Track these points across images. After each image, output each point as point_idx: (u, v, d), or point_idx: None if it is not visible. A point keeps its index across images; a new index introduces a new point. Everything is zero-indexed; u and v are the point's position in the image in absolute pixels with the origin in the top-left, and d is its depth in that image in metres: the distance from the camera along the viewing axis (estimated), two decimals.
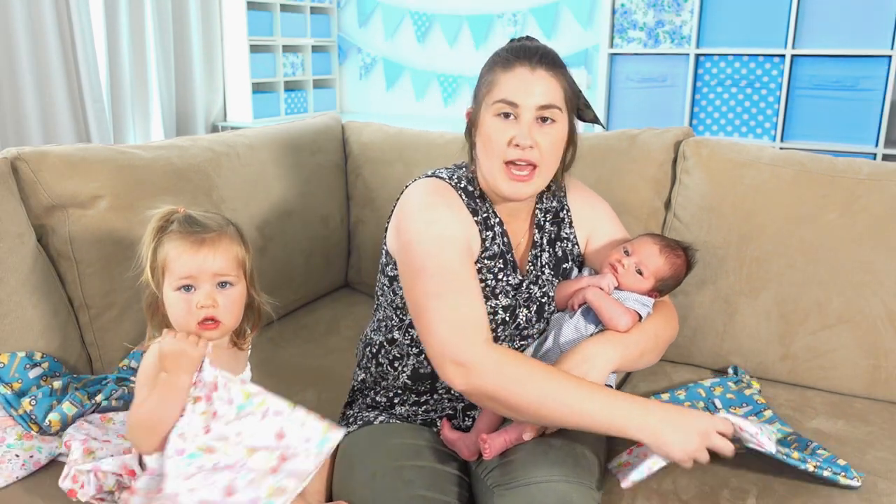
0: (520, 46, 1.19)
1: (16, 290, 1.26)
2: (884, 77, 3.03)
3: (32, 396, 1.19)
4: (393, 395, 1.27)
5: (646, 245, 1.25)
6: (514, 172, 1.15)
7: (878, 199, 1.45)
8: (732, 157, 1.59)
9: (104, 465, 1.04)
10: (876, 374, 1.43)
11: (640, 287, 1.23)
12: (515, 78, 1.14)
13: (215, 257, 1.00)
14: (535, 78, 1.14)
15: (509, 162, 1.15)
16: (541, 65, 1.15)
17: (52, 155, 1.35)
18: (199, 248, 1.00)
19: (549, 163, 1.17)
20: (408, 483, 1.06)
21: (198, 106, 4.07)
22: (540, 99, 1.14)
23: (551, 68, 1.16)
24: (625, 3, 3.47)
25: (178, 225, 1.02)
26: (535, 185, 1.17)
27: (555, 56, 1.18)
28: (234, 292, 1.03)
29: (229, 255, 1.02)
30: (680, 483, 1.17)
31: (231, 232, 1.05)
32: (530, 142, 1.13)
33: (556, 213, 1.32)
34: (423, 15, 4.41)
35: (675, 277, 1.27)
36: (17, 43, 3.06)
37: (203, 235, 1.00)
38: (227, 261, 1.01)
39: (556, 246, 1.30)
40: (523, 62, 1.15)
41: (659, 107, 3.49)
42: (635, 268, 1.23)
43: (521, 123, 1.14)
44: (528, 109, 1.14)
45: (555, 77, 1.16)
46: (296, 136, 1.91)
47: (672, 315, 1.30)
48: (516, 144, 1.13)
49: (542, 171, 1.17)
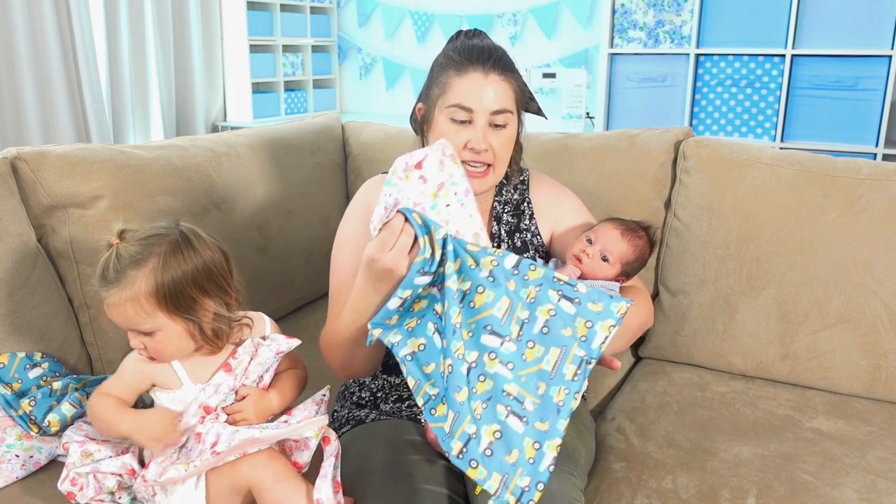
0: (472, 47, 1.20)
1: (16, 289, 1.26)
2: (884, 77, 3.03)
3: (32, 397, 1.19)
4: (376, 389, 1.29)
5: (608, 231, 1.25)
6: (469, 169, 1.18)
7: (878, 199, 1.45)
8: (732, 157, 1.59)
9: (103, 467, 1.04)
10: (876, 374, 1.43)
11: (606, 274, 1.23)
12: (469, 83, 1.16)
13: (121, 318, 1.01)
14: (489, 83, 1.16)
15: (464, 162, 1.18)
16: (494, 69, 1.17)
17: (52, 155, 1.35)
18: (109, 307, 1.00)
19: (503, 160, 1.21)
20: (406, 477, 1.07)
21: (198, 106, 4.07)
22: (493, 104, 1.16)
23: (503, 72, 1.18)
24: (625, 3, 3.47)
25: (99, 267, 1.01)
26: (489, 181, 1.22)
27: (507, 59, 1.20)
28: (160, 336, 1.02)
29: (128, 312, 1.00)
30: (680, 482, 1.17)
31: (143, 274, 0.99)
32: (485, 145, 1.16)
33: (516, 205, 1.34)
34: (423, 15, 4.41)
35: (640, 259, 1.27)
36: (17, 43, 3.06)
37: (109, 292, 0.99)
38: (128, 319, 1.00)
39: (514, 237, 1.32)
40: (476, 66, 1.17)
41: (659, 107, 3.49)
42: (600, 255, 1.23)
43: (476, 128, 1.16)
44: (481, 114, 1.16)
45: (507, 81, 1.18)
46: (296, 136, 1.91)
47: (644, 300, 1.30)
48: (471, 148, 1.16)
49: (496, 168, 1.21)
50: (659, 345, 1.64)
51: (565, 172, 1.70)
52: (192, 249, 1.02)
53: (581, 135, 1.82)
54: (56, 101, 3.22)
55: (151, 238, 1.02)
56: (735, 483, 1.16)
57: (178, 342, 1.03)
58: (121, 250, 1.00)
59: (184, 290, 1.00)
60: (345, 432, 1.24)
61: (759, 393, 1.47)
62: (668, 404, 1.43)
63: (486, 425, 0.96)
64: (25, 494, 1.11)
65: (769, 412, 1.39)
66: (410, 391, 1.25)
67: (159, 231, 1.03)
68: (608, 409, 1.45)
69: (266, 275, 1.73)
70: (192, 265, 1.01)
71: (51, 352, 1.30)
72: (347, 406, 1.32)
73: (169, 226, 1.05)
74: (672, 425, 1.34)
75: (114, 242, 1.01)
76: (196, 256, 1.02)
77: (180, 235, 1.03)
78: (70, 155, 1.37)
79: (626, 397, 1.48)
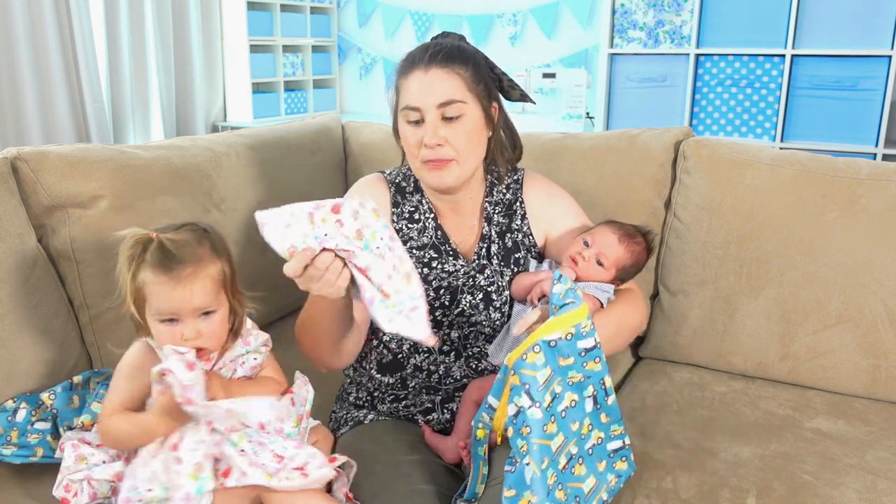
0: (417, 49, 1.22)
1: (16, 289, 1.26)
2: (884, 77, 3.03)
3: (52, 391, 1.21)
4: (373, 389, 1.29)
5: (605, 235, 1.25)
6: (431, 164, 1.20)
7: (878, 199, 1.45)
8: (732, 157, 1.59)
9: (96, 474, 1.02)
10: (876, 374, 1.43)
11: (601, 277, 1.23)
12: (413, 82, 1.18)
13: (193, 295, 0.98)
14: (430, 78, 1.17)
15: (426, 161, 1.20)
16: (433, 63, 1.17)
17: (52, 155, 1.35)
18: (176, 286, 0.97)
19: (465, 152, 1.20)
20: (406, 477, 1.07)
21: (198, 106, 4.07)
22: (437, 98, 1.17)
23: (444, 63, 1.18)
24: (625, 3, 3.47)
25: (151, 257, 0.98)
26: (455, 173, 1.21)
27: (450, 50, 1.20)
28: (217, 317, 1.02)
29: (207, 286, 0.99)
30: (680, 482, 1.17)
31: (205, 253, 1.01)
32: (437, 140, 1.17)
33: (508, 205, 1.34)
34: (423, 15, 4.41)
35: (636, 264, 1.27)
36: (17, 43, 3.06)
37: (179, 272, 0.97)
38: (205, 294, 0.99)
39: (505, 238, 1.32)
40: (417, 65, 1.18)
41: (659, 107, 3.49)
42: (596, 259, 1.23)
43: (427, 125, 1.17)
44: (429, 110, 1.17)
45: (450, 71, 1.18)
46: (296, 136, 1.91)
47: (639, 302, 1.30)
48: (426, 145, 1.18)
49: (460, 160, 1.20)
50: (659, 345, 1.64)
51: (565, 172, 1.69)
52: (222, 239, 1.06)
53: (581, 135, 1.82)
54: (56, 101, 3.22)
55: (190, 228, 1.03)
56: (735, 483, 1.16)
57: (224, 328, 1.04)
58: (172, 236, 0.99)
59: (234, 272, 1.04)
60: (343, 433, 1.24)
61: (759, 393, 1.47)
62: (668, 404, 1.43)
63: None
64: (25, 498, 1.11)
65: (769, 412, 1.39)
66: (406, 391, 1.26)
67: (189, 225, 1.04)
68: None
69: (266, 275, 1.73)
70: (229, 251, 1.06)
71: (51, 352, 1.30)
72: (346, 407, 1.32)
73: (188, 222, 1.06)
74: (672, 425, 1.34)
75: (153, 235, 1.00)
76: (226, 244, 1.06)
77: (209, 228, 1.06)
78: (70, 155, 1.37)
79: (626, 397, 1.48)
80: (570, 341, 1.01)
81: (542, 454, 0.95)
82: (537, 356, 0.97)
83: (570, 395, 1.01)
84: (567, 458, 1.00)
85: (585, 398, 1.04)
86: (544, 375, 0.97)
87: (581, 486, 1.02)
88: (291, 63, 4.40)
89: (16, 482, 1.14)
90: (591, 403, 1.05)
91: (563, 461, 0.99)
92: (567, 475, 0.99)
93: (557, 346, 0.99)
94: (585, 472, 1.03)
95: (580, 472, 1.02)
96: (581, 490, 1.01)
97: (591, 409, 1.05)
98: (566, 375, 1.01)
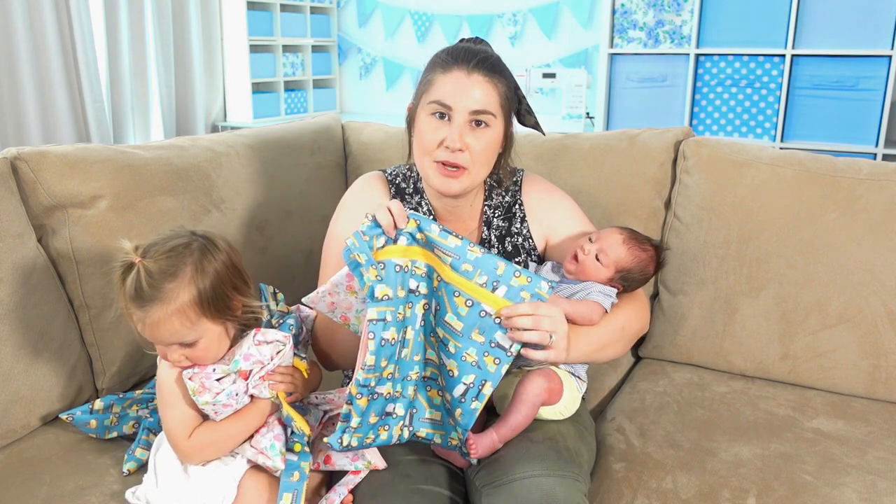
0: (460, 48, 1.21)
1: (16, 289, 1.26)
2: (884, 77, 3.03)
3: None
4: None
5: (610, 235, 1.25)
6: (444, 168, 1.19)
7: (878, 199, 1.45)
8: (732, 157, 1.59)
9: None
10: (876, 374, 1.43)
11: (598, 275, 1.22)
12: (451, 81, 1.17)
13: (162, 336, 0.99)
14: (471, 82, 1.16)
15: (439, 161, 1.19)
16: (477, 69, 1.17)
17: (52, 155, 1.35)
18: (146, 326, 0.98)
19: (480, 164, 1.20)
20: (406, 477, 1.07)
21: (198, 106, 4.07)
22: (473, 104, 1.16)
23: (488, 73, 1.17)
24: (625, 3, 3.47)
25: (128, 288, 0.98)
26: (463, 183, 1.20)
27: (494, 61, 1.20)
28: (201, 344, 1.01)
29: (174, 326, 0.98)
30: (680, 482, 1.17)
31: (181, 285, 0.98)
32: (460, 145, 1.16)
33: (507, 208, 1.34)
34: (423, 15, 4.41)
35: (642, 272, 1.26)
36: (17, 43, 3.06)
37: (148, 311, 0.97)
38: (175, 333, 0.99)
39: (505, 241, 1.32)
40: (461, 65, 1.17)
41: (659, 107, 3.50)
42: (595, 255, 1.22)
43: (453, 126, 1.16)
44: (460, 113, 1.16)
45: (490, 82, 1.17)
46: (296, 136, 1.91)
47: (642, 307, 1.30)
48: (447, 146, 1.16)
49: (471, 171, 1.20)
50: (659, 345, 1.64)
51: (565, 173, 1.70)
52: (218, 250, 1.03)
53: (581, 135, 1.81)
54: (56, 101, 3.22)
55: (176, 248, 1.00)
56: (735, 483, 1.16)
57: (218, 345, 1.04)
58: (149, 266, 0.97)
59: (222, 291, 1.01)
60: None
61: (759, 393, 1.47)
62: (668, 404, 1.43)
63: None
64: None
65: (769, 412, 1.39)
66: None
67: (179, 241, 1.02)
68: (608, 409, 1.45)
69: (266, 275, 1.73)
70: (222, 265, 1.02)
71: (51, 351, 1.31)
72: None
73: (183, 233, 1.04)
74: (672, 425, 1.34)
75: (135, 261, 0.98)
76: (222, 255, 1.03)
77: (203, 239, 1.03)
78: (70, 155, 1.37)
79: (626, 397, 1.48)
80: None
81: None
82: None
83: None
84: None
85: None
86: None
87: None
88: (291, 63, 4.40)
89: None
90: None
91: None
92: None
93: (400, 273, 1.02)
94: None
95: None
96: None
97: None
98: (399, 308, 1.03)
